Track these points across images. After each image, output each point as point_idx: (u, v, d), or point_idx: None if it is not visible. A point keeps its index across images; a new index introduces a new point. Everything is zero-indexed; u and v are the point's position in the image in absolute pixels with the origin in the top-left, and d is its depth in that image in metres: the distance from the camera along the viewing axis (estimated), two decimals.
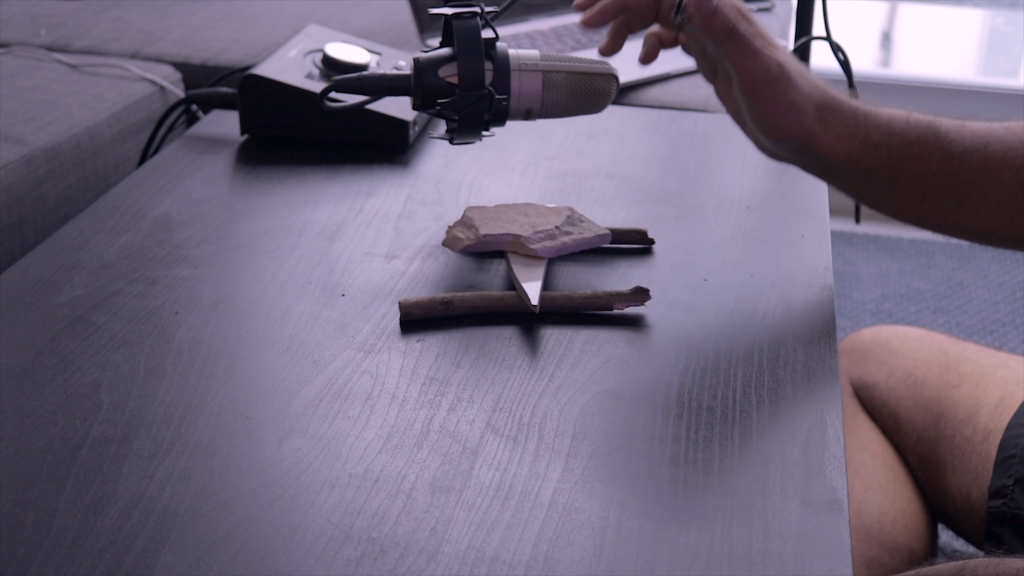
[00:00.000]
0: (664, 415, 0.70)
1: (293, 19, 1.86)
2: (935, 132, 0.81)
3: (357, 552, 0.58)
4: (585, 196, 1.01)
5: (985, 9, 3.22)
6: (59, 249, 0.89)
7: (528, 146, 1.11)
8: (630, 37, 0.87)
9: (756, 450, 0.67)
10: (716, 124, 1.20)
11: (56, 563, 0.57)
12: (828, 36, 1.33)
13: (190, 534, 0.59)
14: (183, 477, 0.63)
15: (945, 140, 0.81)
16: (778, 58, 0.79)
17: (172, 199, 0.98)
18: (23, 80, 1.53)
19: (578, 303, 0.81)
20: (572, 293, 0.82)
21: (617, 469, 0.65)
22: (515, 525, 0.60)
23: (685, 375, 0.74)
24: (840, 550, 0.59)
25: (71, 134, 1.41)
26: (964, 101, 2.66)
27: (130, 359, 0.74)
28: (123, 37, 1.77)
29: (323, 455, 0.65)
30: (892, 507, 1.00)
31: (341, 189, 1.01)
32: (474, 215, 0.90)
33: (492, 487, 0.63)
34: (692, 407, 0.70)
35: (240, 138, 1.11)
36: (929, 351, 1.13)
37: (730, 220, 0.97)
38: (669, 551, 0.59)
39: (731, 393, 0.72)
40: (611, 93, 0.91)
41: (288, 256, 0.89)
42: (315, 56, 1.14)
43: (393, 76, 0.92)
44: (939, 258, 2.45)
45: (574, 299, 0.81)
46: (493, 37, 0.88)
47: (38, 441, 0.66)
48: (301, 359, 0.75)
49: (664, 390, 0.72)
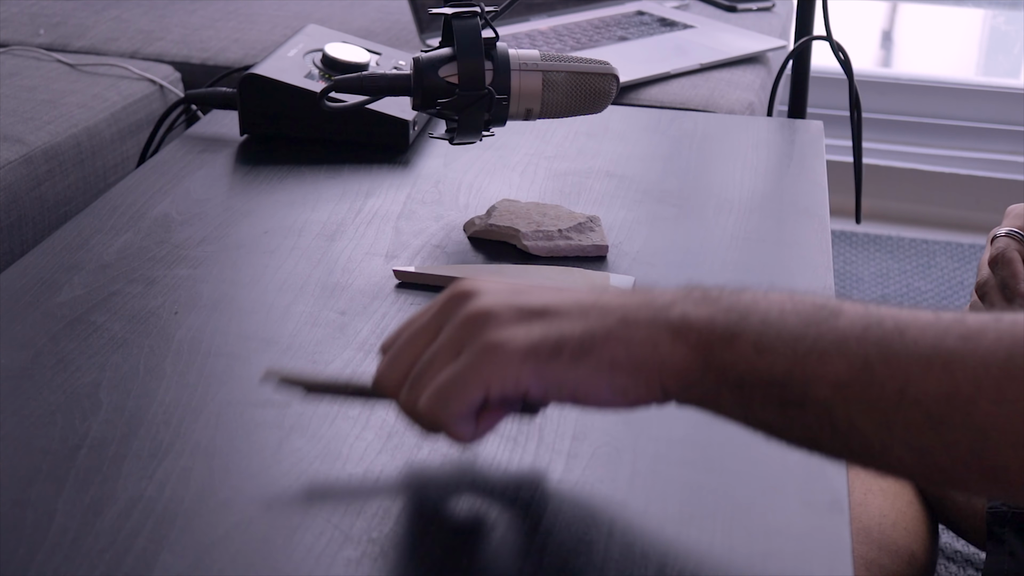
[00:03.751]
0: (664, 415, 0.70)
1: (293, 19, 1.86)
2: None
3: (357, 552, 0.58)
4: (585, 196, 1.01)
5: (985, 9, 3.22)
6: (58, 249, 0.89)
7: (528, 146, 1.11)
8: (629, 39, 0.87)
9: (756, 450, 0.67)
10: (716, 124, 1.20)
11: (56, 563, 0.57)
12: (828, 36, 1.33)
13: (190, 534, 0.59)
14: (183, 477, 0.63)
15: None
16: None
17: (171, 199, 0.98)
18: (22, 79, 1.53)
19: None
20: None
21: (617, 469, 0.65)
22: (515, 525, 0.60)
23: None
24: (840, 551, 0.59)
25: (70, 134, 1.41)
26: (964, 101, 2.66)
27: (129, 359, 0.74)
28: (122, 37, 1.76)
29: (323, 455, 0.65)
30: (893, 509, 1.00)
31: (341, 189, 1.01)
32: (500, 206, 0.94)
33: (492, 487, 0.63)
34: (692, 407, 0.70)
35: (240, 138, 1.11)
36: None
37: (730, 220, 0.96)
38: (669, 551, 0.59)
39: None
40: (611, 93, 0.91)
41: (288, 256, 0.89)
42: (315, 56, 1.14)
43: (393, 76, 0.92)
44: (940, 258, 2.45)
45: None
46: (493, 37, 0.88)
47: (38, 441, 0.66)
48: (301, 359, 0.75)
49: None
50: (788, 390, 0.53)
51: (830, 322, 0.54)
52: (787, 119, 1.32)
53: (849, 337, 0.53)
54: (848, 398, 0.52)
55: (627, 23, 1.72)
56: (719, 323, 0.55)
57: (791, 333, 0.54)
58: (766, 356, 0.54)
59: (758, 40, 1.73)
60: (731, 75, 1.61)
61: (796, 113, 1.55)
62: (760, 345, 0.54)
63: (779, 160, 1.12)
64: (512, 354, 0.55)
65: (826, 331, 0.54)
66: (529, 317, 0.57)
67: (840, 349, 0.53)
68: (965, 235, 2.53)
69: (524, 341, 0.56)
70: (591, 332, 0.56)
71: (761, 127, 1.20)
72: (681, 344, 0.55)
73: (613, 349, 0.55)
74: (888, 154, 2.62)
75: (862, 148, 1.35)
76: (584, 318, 0.57)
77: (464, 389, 0.56)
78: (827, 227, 0.96)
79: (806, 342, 0.53)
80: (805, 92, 1.54)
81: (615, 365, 0.55)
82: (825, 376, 0.53)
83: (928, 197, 2.62)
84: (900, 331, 0.53)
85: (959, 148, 2.65)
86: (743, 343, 0.54)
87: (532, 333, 0.56)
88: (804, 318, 0.54)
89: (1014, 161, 2.61)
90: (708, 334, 0.55)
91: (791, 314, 0.55)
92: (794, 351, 0.53)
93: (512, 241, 0.91)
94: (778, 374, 0.53)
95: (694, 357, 0.55)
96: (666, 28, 1.72)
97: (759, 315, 0.55)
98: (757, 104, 1.57)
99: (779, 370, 0.53)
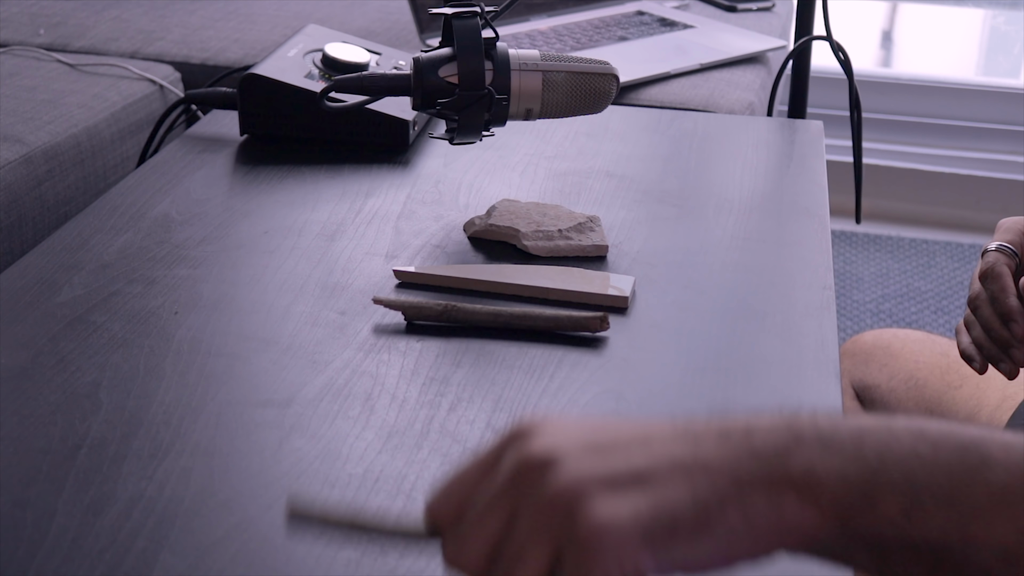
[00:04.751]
0: (664, 415, 0.70)
1: (293, 19, 1.86)
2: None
3: (357, 552, 0.58)
4: (585, 196, 1.01)
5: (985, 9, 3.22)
6: (58, 249, 0.89)
7: (528, 146, 1.11)
8: (629, 39, 0.87)
9: None
10: (716, 124, 1.20)
11: (56, 563, 0.57)
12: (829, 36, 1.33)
13: (190, 534, 0.59)
14: (183, 477, 0.63)
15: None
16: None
17: (172, 199, 0.98)
18: (22, 79, 1.53)
19: (542, 323, 0.78)
20: (535, 313, 0.79)
21: None
22: None
23: (685, 375, 0.74)
24: None
25: (70, 134, 1.41)
26: (964, 101, 2.66)
27: (130, 359, 0.74)
28: (122, 37, 1.76)
29: (323, 455, 0.65)
30: None
31: (341, 189, 1.01)
32: (500, 206, 0.93)
33: None
34: (692, 407, 0.70)
35: (240, 138, 1.11)
36: (930, 353, 1.13)
37: (730, 220, 0.96)
38: None
39: (731, 394, 0.72)
40: (611, 93, 0.91)
41: (288, 256, 0.89)
42: (315, 56, 1.14)
43: (393, 76, 0.92)
44: (940, 258, 2.45)
45: (537, 319, 0.79)
46: (493, 37, 0.88)
47: (38, 441, 0.66)
48: (301, 359, 0.75)
49: (664, 390, 0.72)
50: (943, 556, 0.47)
51: (983, 475, 0.47)
52: (787, 119, 1.32)
53: (1011, 495, 0.47)
54: (1014, 565, 0.47)
55: (627, 23, 1.72)
56: (854, 480, 0.47)
57: (944, 491, 0.47)
58: (917, 522, 0.47)
59: (758, 40, 1.73)
60: (731, 75, 1.61)
61: (796, 113, 1.55)
62: (911, 511, 0.47)
63: (779, 160, 1.12)
64: (625, 543, 0.46)
65: (981, 488, 0.47)
66: (624, 486, 0.47)
67: (1006, 511, 0.47)
68: (965, 235, 2.53)
69: (633, 521, 0.46)
70: (704, 502, 0.47)
71: (761, 127, 1.20)
72: (811, 508, 0.47)
73: (731, 520, 0.47)
74: (888, 154, 2.62)
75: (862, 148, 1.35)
76: (689, 482, 0.47)
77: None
78: (827, 227, 0.96)
79: (963, 505, 0.47)
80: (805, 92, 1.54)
81: (734, 536, 0.47)
82: (989, 543, 0.47)
83: (928, 197, 2.62)
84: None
85: (959, 148, 2.65)
86: (889, 506, 0.47)
87: (640, 510, 0.46)
88: (953, 469, 0.47)
89: (1014, 161, 2.61)
90: (844, 495, 0.47)
91: (937, 466, 0.47)
92: (949, 514, 0.47)
93: (512, 241, 0.91)
94: (933, 541, 0.47)
95: (827, 522, 0.47)
96: (666, 28, 1.72)
97: (898, 465, 0.47)
98: (757, 104, 1.57)
99: (934, 536, 0.47)
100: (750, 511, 0.47)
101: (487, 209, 0.94)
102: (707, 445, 0.48)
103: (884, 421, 0.49)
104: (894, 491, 0.47)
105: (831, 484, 0.47)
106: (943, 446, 0.48)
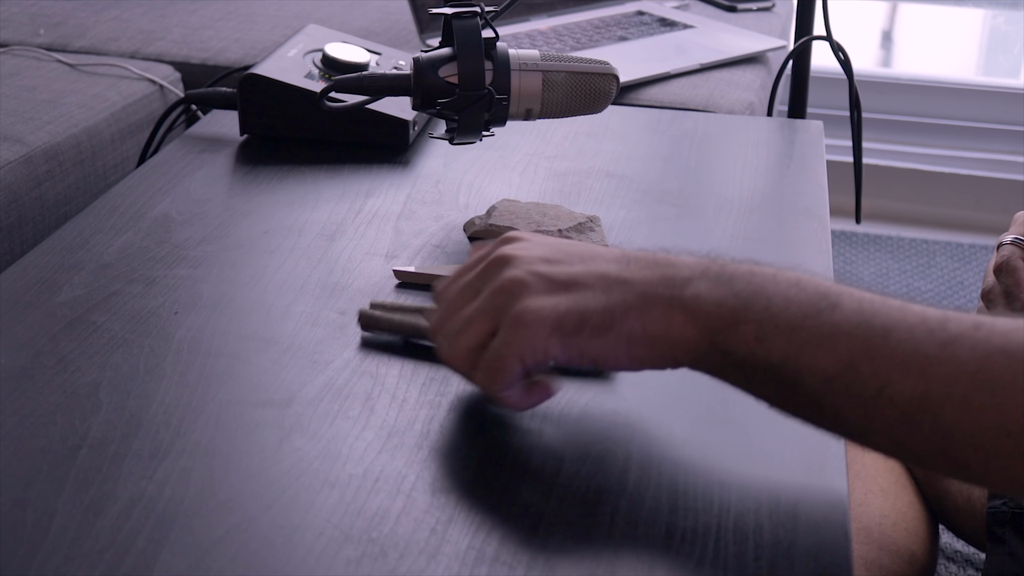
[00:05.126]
0: (664, 415, 0.70)
1: (293, 19, 1.86)
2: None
3: (357, 552, 0.58)
4: (585, 196, 1.01)
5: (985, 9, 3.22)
6: (58, 249, 0.89)
7: (528, 146, 1.11)
8: (629, 39, 0.87)
9: (756, 450, 0.67)
10: (716, 124, 1.20)
11: (56, 563, 0.57)
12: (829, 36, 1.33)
13: (190, 534, 0.59)
14: (183, 477, 0.63)
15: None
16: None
17: (172, 199, 0.98)
18: (22, 79, 1.53)
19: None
20: None
21: (617, 470, 0.65)
22: (515, 525, 0.60)
23: (685, 375, 0.74)
24: (841, 551, 0.59)
25: (70, 134, 1.41)
26: (964, 101, 2.66)
27: (130, 359, 0.74)
28: (122, 37, 1.77)
29: (323, 455, 0.65)
30: (893, 510, 1.00)
31: (341, 189, 1.01)
32: (500, 206, 0.93)
33: (492, 487, 0.63)
34: (692, 407, 0.70)
35: (240, 138, 1.11)
36: None
37: (730, 220, 0.96)
38: (670, 551, 0.59)
39: (731, 393, 0.72)
40: (611, 93, 0.91)
41: (288, 256, 0.89)
42: (315, 56, 1.14)
43: (393, 76, 0.92)
44: (940, 258, 2.45)
45: None
46: (493, 37, 0.88)
47: (38, 441, 0.66)
48: (301, 359, 0.75)
49: (664, 390, 0.72)
50: (783, 376, 0.58)
51: (826, 315, 0.58)
52: (787, 119, 1.32)
53: (839, 333, 0.57)
54: (834, 391, 0.57)
55: (627, 23, 1.72)
56: (727, 308, 0.59)
57: (789, 323, 0.58)
58: (764, 344, 0.58)
59: (758, 40, 1.73)
60: (731, 75, 1.61)
61: (796, 113, 1.55)
62: (760, 333, 0.58)
63: (779, 160, 1.12)
64: (540, 327, 0.61)
65: (821, 324, 0.57)
66: (557, 288, 0.62)
67: (831, 344, 0.57)
68: (965, 235, 2.53)
69: (551, 315, 0.61)
70: (612, 307, 0.61)
71: (761, 127, 1.20)
72: (691, 325, 0.60)
73: (631, 324, 0.61)
74: (888, 154, 2.63)
75: (862, 148, 1.35)
76: (607, 292, 0.61)
77: (503, 365, 0.62)
78: (827, 227, 0.96)
79: (801, 334, 0.58)
80: (805, 92, 1.54)
81: (632, 339, 0.61)
82: (814, 368, 0.57)
83: (928, 197, 2.62)
84: (886, 331, 0.56)
85: (959, 148, 2.65)
86: (745, 330, 0.59)
87: (559, 306, 0.61)
88: (804, 308, 0.58)
89: (1014, 161, 2.61)
90: (716, 318, 0.59)
91: (793, 303, 0.58)
92: (789, 342, 0.58)
93: None
94: (774, 361, 0.58)
95: (702, 338, 0.60)
96: (666, 28, 1.72)
97: (764, 302, 0.59)
98: (757, 104, 1.57)
99: (775, 358, 0.58)
100: (647, 321, 0.60)
101: (487, 209, 0.94)
102: (634, 268, 0.62)
103: (776, 270, 0.60)
104: (753, 318, 0.58)
105: (709, 308, 0.60)
106: (809, 290, 0.59)
